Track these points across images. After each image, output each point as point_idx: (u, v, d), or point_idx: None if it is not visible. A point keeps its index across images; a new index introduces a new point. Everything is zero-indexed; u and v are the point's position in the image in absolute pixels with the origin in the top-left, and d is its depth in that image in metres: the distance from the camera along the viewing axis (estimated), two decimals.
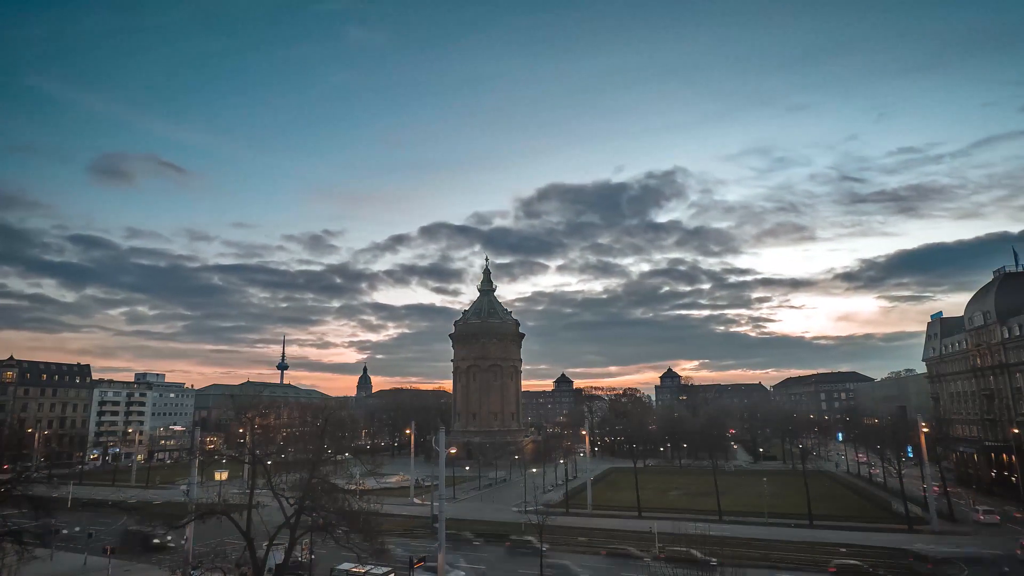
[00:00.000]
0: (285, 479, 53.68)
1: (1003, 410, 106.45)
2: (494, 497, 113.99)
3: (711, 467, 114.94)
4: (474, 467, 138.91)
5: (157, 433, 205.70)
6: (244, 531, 44.21)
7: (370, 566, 52.45)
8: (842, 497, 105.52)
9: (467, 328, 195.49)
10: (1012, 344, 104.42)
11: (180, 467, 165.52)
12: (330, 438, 55.70)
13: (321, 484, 47.45)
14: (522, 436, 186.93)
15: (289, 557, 46.97)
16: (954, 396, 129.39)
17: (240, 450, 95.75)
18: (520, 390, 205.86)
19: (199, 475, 66.16)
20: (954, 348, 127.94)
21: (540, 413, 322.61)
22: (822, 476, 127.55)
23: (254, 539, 44.11)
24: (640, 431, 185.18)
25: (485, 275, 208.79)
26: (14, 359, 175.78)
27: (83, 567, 62.65)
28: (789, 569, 60.75)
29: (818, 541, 71.83)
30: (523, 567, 62.13)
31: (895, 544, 69.54)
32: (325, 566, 55.78)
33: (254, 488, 49.12)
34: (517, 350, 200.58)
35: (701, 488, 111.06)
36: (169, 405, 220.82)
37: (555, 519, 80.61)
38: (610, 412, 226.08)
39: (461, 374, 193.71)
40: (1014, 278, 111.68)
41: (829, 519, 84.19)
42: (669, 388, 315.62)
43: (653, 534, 67.25)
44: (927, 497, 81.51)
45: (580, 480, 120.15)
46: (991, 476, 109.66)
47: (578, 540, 74.68)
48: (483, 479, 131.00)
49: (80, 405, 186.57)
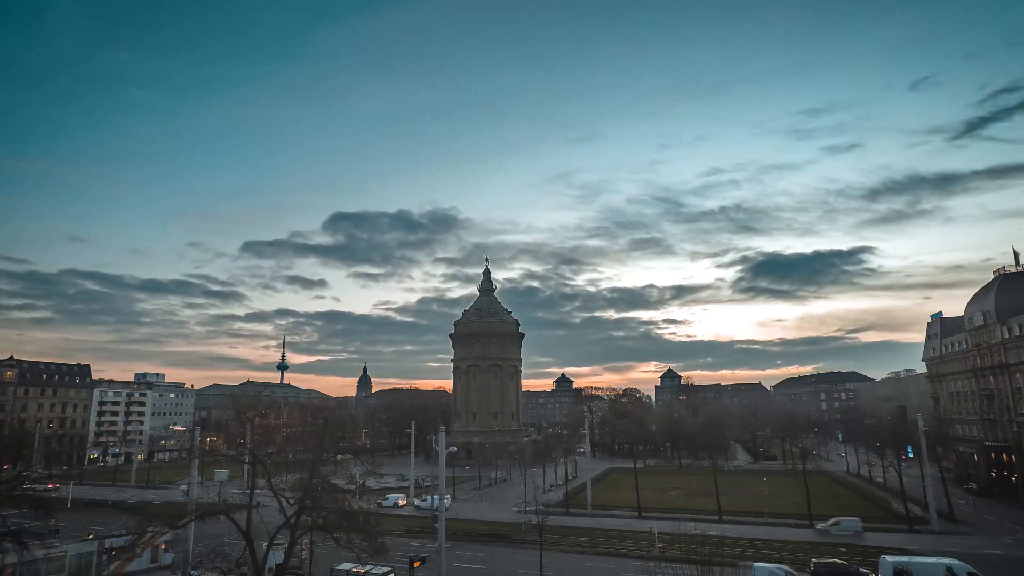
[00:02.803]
0: (285, 479, 53.67)
1: (1003, 410, 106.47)
2: (494, 497, 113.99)
3: (711, 467, 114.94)
4: (474, 467, 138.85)
5: (157, 433, 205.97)
6: (244, 531, 44.19)
7: (370, 566, 52.43)
8: (842, 497, 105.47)
9: (467, 328, 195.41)
10: (1012, 344, 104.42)
11: (180, 467, 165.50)
12: (330, 438, 55.58)
13: (321, 484, 47.44)
14: (522, 436, 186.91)
15: (289, 557, 46.94)
16: (954, 396, 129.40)
17: (240, 450, 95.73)
18: (520, 390, 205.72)
19: (199, 475, 66.11)
20: (954, 348, 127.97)
21: (540, 413, 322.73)
22: (822, 476, 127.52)
23: (254, 539, 44.11)
24: (640, 431, 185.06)
25: (485, 275, 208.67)
26: (14, 359, 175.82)
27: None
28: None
29: (818, 541, 71.89)
30: (523, 567, 62.13)
31: (895, 544, 69.61)
32: (325, 566, 55.75)
33: (254, 488, 49.14)
34: (517, 350, 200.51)
35: (701, 488, 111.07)
36: (169, 405, 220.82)
37: (555, 519, 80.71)
38: (610, 412, 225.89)
39: (461, 374, 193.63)
40: (1014, 278, 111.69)
41: (829, 519, 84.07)
42: (669, 388, 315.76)
43: (653, 534, 67.27)
44: (927, 497, 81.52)
45: (580, 480, 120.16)
46: (991, 476, 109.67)
47: (578, 540, 74.65)
48: (483, 479, 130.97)
49: (80, 405, 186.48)
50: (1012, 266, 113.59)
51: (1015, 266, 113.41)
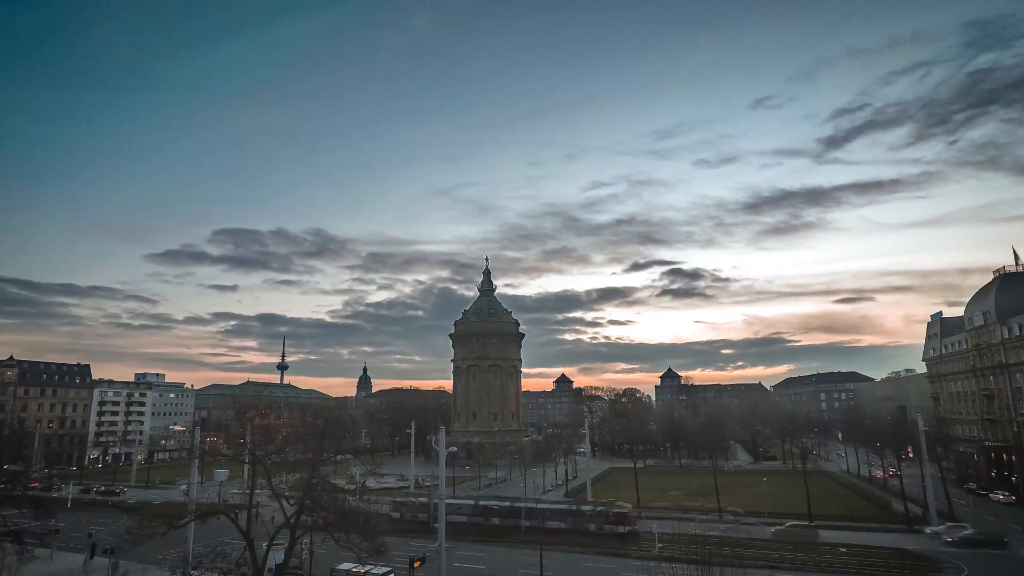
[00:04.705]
0: (285, 479, 53.66)
1: (1003, 410, 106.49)
2: (494, 497, 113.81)
3: (711, 467, 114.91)
4: (474, 467, 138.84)
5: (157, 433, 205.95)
6: (244, 531, 44.21)
7: (370, 566, 52.44)
8: (842, 497, 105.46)
9: (467, 328, 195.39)
10: (1012, 344, 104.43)
11: (180, 467, 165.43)
12: (330, 438, 55.58)
13: (321, 484, 47.44)
14: (522, 436, 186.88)
15: (289, 557, 46.94)
16: (954, 396, 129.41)
17: (240, 450, 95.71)
18: (520, 390, 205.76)
19: (199, 475, 66.11)
20: (954, 348, 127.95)
21: (540, 413, 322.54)
22: (822, 476, 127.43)
23: (254, 539, 44.12)
24: (640, 431, 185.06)
25: (485, 275, 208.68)
26: (14, 359, 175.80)
27: (83, 567, 62.60)
28: (789, 569, 60.72)
29: (818, 541, 71.84)
30: (523, 567, 62.13)
31: (895, 544, 69.61)
32: (325, 566, 55.75)
33: (254, 488, 49.15)
34: (517, 350, 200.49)
35: (701, 488, 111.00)
36: (169, 405, 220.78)
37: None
38: (610, 412, 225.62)
39: (461, 374, 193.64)
40: (1014, 278, 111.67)
41: (829, 519, 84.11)
42: (669, 388, 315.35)
43: (653, 534, 67.26)
44: (927, 497, 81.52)
45: (580, 480, 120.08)
46: (991, 476, 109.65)
47: (578, 540, 74.59)
48: (483, 479, 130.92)
49: (80, 405, 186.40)
50: (1012, 266, 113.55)
51: (1015, 266, 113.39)
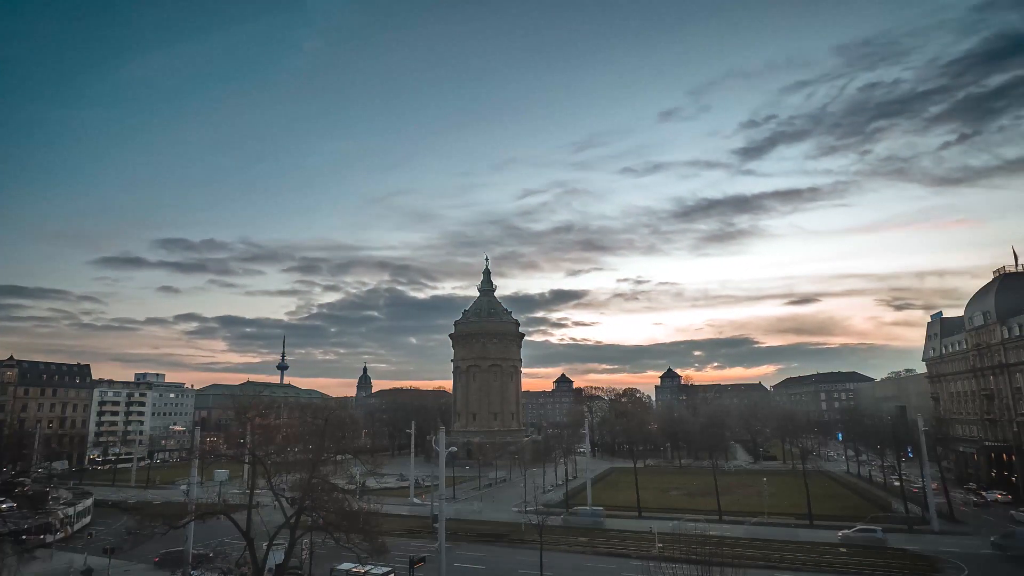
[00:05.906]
0: (285, 479, 53.66)
1: (1003, 410, 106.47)
2: (494, 497, 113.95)
3: (711, 467, 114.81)
4: (474, 467, 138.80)
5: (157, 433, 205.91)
6: (244, 531, 44.20)
7: (370, 566, 52.43)
8: (842, 497, 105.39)
9: (467, 328, 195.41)
10: (1012, 344, 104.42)
11: (180, 467, 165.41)
12: (330, 438, 55.62)
13: (321, 484, 47.44)
14: (522, 436, 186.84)
15: (289, 557, 46.93)
16: (954, 396, 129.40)
17: (240, 450, 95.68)
18: (520, 390, 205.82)
19: (199, 475, 66.11)
20: (954, 348, 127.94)
21: (540, 413, 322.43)
22: (822, 476, 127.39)
23: (254, 539, 44.10)
24: (640, 431, 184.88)
25: (485, 275, 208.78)
26: (14, 359, 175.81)
27: (83, 567, 62.53)
28: (789, 569, 60.68)
29: (818, 541, 71.78)
30: (523, 567, 62.11)
31: (895, 544, 69.55)
32: (325, 566, 55.73)
33: (254, 488, 49.13)
34: (517, 350, 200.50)
35: (701, 488, 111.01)
36: (169, 405, 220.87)
37: (555, 519, 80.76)
38: (610, 412, 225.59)
39: (461, 374, 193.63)
40: (1014, 278, 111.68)
41: (829, 519, 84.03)
42: (669, 388, 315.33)
43: (653, 534, 67.25)
44: (927, 497, 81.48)
45: (580, 480, 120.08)
46: (991, 476, 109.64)
47: (578, 540, 74.63)
48: (483, 479, 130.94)
49: (80, 405, 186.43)
50: (1012, 266, 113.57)
51: (1015, 266, 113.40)
